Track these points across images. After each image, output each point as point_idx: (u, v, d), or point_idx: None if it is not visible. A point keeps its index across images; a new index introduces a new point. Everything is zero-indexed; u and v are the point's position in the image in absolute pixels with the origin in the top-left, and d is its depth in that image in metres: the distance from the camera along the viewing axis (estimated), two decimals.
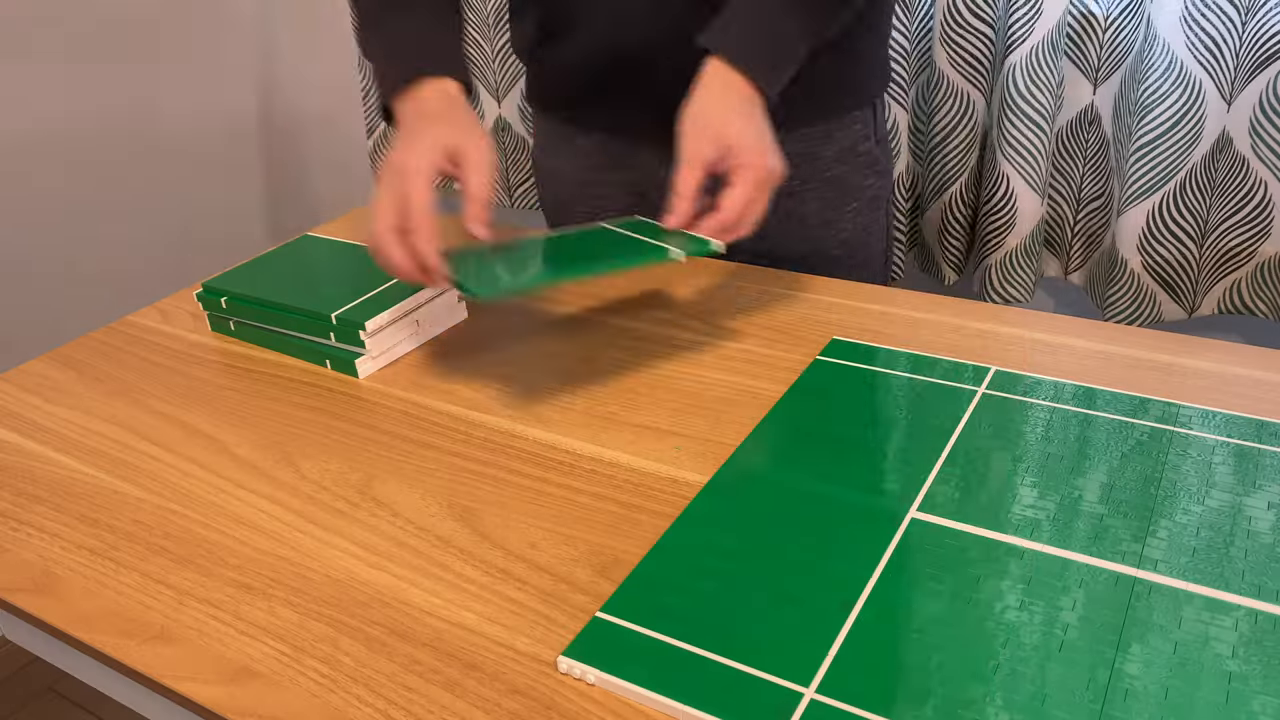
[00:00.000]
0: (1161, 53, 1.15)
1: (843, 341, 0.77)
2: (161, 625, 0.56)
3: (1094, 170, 1.31)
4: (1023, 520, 0.58)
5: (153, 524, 0.64)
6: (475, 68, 1.66)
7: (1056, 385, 0.70)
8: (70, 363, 0.84)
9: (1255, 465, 0.60)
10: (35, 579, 0.60)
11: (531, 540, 0.60)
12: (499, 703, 0.49)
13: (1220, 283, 1.26)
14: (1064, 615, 0.51)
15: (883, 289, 0.85)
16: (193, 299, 0.94)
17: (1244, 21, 1.12)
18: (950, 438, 0.65)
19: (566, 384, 0.75)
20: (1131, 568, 0.54)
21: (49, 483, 0.69)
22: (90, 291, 1.73)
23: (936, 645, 0.50)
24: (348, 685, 0.51)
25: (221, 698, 0.51)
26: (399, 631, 0.54)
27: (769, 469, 0.63)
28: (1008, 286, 1.37)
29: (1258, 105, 1.15)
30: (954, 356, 0.74)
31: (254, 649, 0.54)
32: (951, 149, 1.36)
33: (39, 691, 1.57)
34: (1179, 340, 0.74)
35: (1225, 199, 1.21)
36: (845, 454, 0.64)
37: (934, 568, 0.55)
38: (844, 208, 0.95)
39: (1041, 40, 1.22)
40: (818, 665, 0.49)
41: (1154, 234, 1.25)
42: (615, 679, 0.49)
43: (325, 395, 0.77)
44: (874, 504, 0.60)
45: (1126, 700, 0.46)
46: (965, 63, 1.31)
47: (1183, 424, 0.65)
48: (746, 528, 0.58)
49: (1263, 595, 0.51)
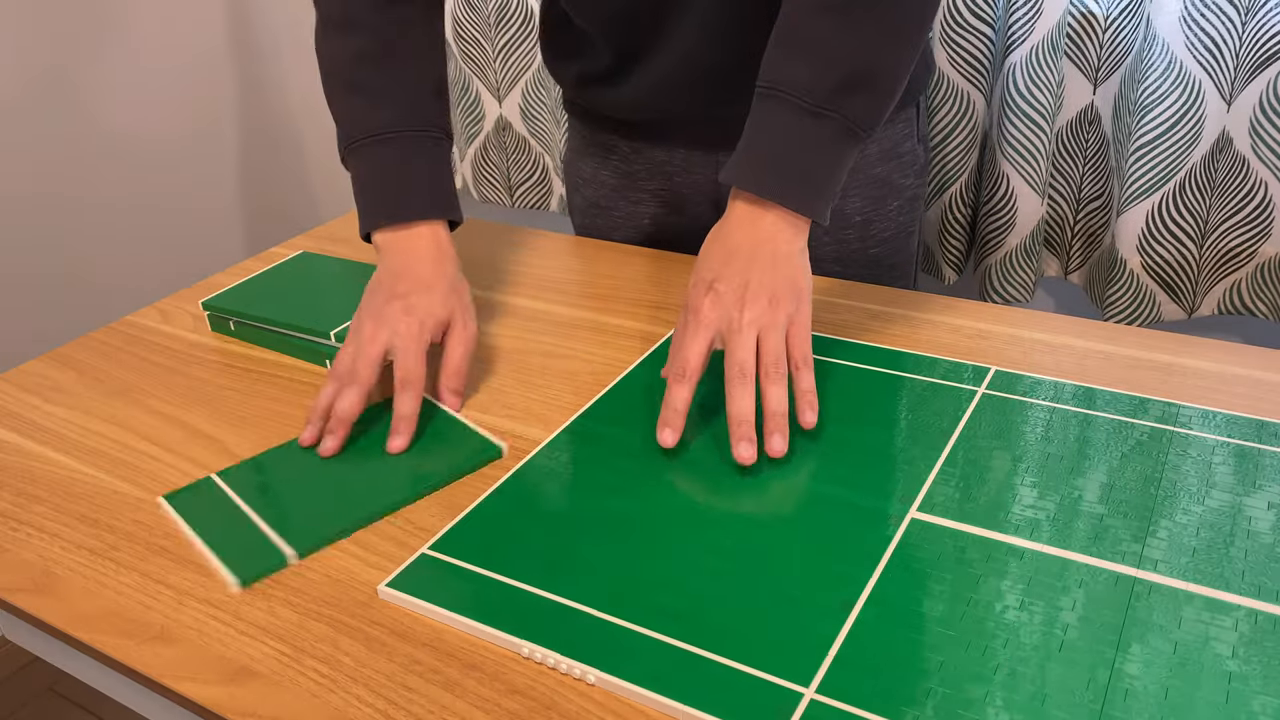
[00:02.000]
0: (1161, 53, 1.15)
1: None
2: (161, 625, 0.56)
3: (1094, 170, 1.31)
4: (1023, 520, 0.58)
5: (153, 524, 0.64)
6: (475, 67, 1.66)
7: (1056, 385, 0.70)
8: (70, 363, 0.84)
9: (1255, 465, 0.60)
10: (35, 579, 0.60)
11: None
12: (499, 703, 0.49)
13: (1220, 283, 1.26)
14: (1064, 615, 0.51)
15: (883, 289, 0.85)
16: (193, 299, 0.94)
17: (1244, 21, 1.12)
18: (950, 438, 0.65)
19: (565, 391, 0.76)
20: (1131, 568, 0.54)
21: (49, 483, 0.69)
22: (90, 291, 1.73)
23: (936, 645, 0.50)
24: (348, 685, 0.51)
25: (221, 698, 0.51)
26: (399, 631, 0.54)
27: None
28: (1008, 286, 1.37)
29: (1258, 105, 1.15)
30: (954, 356, 0.74)
31: (254, 649, 0.54)
32: (951, 149, 1.36)
33: (39, 691, 1.57)
34: (1179, 340, 0.74)
35: (1225, 199, 1.21)
36: (845, 454, 0.64)
37: (934, 568, 0.55)
38: (885, 207, 0.93)
39: (1041, 40, 1.22)
40: (818, 665, 0.49)
41: (1154, 234, 1.25)
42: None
43: None
44: (874, 504, 0.60)
45: (1126, 700, 0.46)
46: (965, 63, 1.31)
47: (1182, 424, 0.65)
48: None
49: (1263, 595, 0.51)
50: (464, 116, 1.72)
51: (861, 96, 0.68)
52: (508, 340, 0.82)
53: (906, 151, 0.93)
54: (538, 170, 1.72)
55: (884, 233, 0.94)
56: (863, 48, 0.68)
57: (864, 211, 0.92)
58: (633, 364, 0.76)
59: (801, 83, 0.68)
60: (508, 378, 0.77)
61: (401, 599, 0.56)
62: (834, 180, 0.70)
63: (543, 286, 0.91)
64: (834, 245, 0.93)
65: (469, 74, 1.67)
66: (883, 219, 0.93)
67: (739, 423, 0.63)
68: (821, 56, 0.68)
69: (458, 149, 1.79)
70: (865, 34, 0.67)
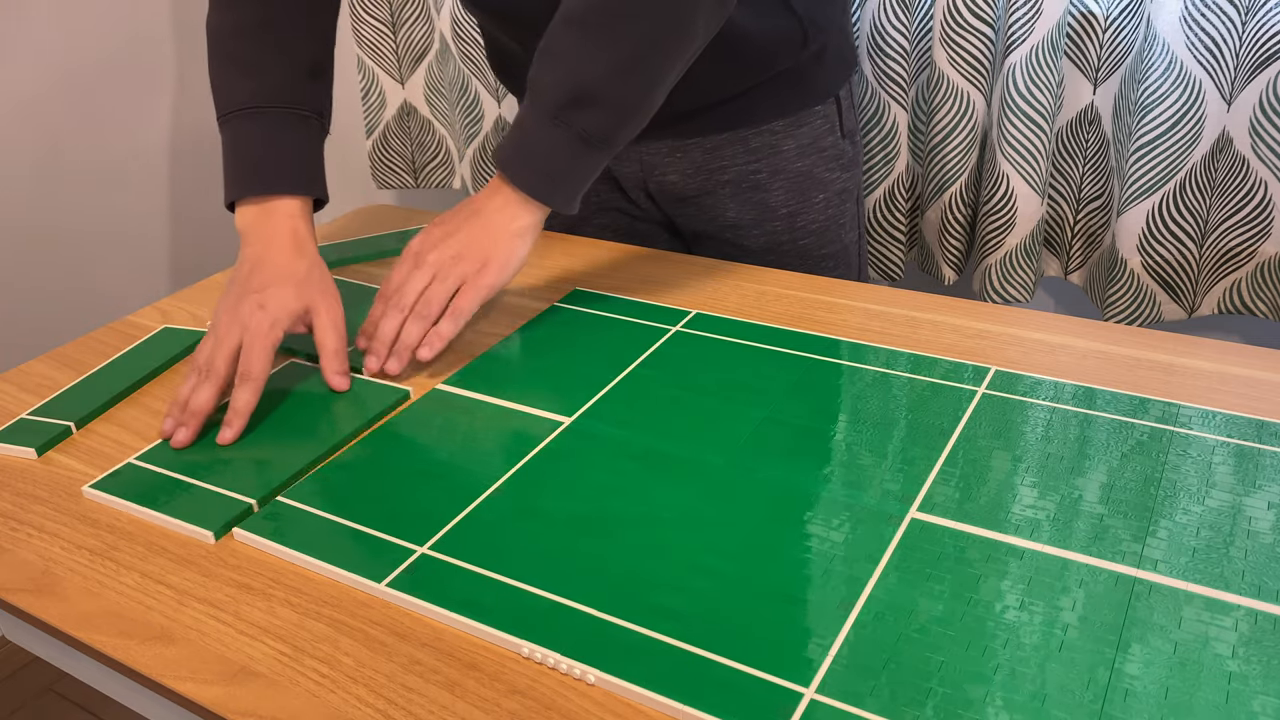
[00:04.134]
0: (1161, 53, 1.15)
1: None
2: (161, 625, 0.56)
3: (1094, 170, 1.31)
4: (1023, 520, 0.58)
5: (153, 524, 0.64)
6: (475, 67, 1.66)
7: (1056, 385, 0.70)
8: (70, 363, 0.84)
9: (1255, 465, 0.60)
10: (35, 579, 0.60)
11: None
12: (499, 703, 0.49)
13: (1220, 283, 1.26)
14: (1064, 615, 0.51)
15: (883, 289, 0.85)
16: (193, 299, 0.94)
17: (1244, 21, 1.12)
18: (950, 438, 0.65)
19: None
20: (1131, 568, 0.54)
21: (49, 483, 0.69)
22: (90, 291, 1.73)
23: (936, 645, 0.50)
24: (348, 685, 0.51)
25: (221, 698, 0.51)
26: (399, 631, 0.54)
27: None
28: (1008, 286, 1.37)
29: (1258, 105, 1.15)
30: (954, 356, 0.74)
31: (254, 649, 0.54)
32: (951, 149, 1.36)
33: (39, 691, 1.57)
34: (1179, 340, 0.74)
35: (1225, 199, 1.21)
36: (845, 454, 0.64)
37: (934, 568, 0.55)
38: (810, 200, 0.96)
39: (1041, 40, 1.22)
40: (818, 665, 0.49)
41: (1154, 234, 1.25)
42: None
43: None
44: (874, 504, 0.60)
45: (1126, 700, 0.46)
46: (965, 63, 1.30)
47: (1182, 424, 0.65)
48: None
49: (1263, 595, 0.51)
50: (463, 117, 1.72)
51: (592, 112, 0.74)
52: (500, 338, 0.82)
53: (828, 146, 0.96)
54: None
55: (811, 224, 0.97)
56: (597, 69, 0.73)
57: (789, 204, 0.96)
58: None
59: (544, 90, 0.74)
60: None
61: (401, 599, 0.56)
62: (569, 177, 0.77)
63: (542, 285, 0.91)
64: (763, 237, 0.96)
65: (468, 74, 1.67)
66: (809, 211, 0.96)
67: (375, 339, 0.76)
68: (562, 70, 0.74)
69: (457, 149, 1.79)
70: (601, 57, 0.73)
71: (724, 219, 0.96)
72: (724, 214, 0.95)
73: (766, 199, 0.95)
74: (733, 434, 0.67)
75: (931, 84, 1.35)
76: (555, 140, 0.75)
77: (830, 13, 0.92)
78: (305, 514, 0.63)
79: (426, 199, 1.99)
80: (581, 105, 0.73)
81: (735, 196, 0.94)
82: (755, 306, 0.84)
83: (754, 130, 0.92)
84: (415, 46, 1.74)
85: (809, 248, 0.97)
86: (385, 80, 1.77)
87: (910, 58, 1.35)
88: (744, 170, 0.93)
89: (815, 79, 0.93)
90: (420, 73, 1.77)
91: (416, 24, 1.72)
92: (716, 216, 0.96)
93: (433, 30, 1.71)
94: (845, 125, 0.97)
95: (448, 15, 1.64)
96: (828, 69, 0.94)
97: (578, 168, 0.76)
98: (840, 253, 1.00)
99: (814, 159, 0.95)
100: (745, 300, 0.85)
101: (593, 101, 0.73)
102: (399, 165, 1.84)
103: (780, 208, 0.95)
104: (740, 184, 0.94)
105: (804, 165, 0.95)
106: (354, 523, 0.61)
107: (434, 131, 1.81)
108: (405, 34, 1.74)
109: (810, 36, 0.89)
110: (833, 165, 0.96)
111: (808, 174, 0.95)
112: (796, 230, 0.96)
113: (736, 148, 0.92)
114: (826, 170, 0.96)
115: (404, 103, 1.79)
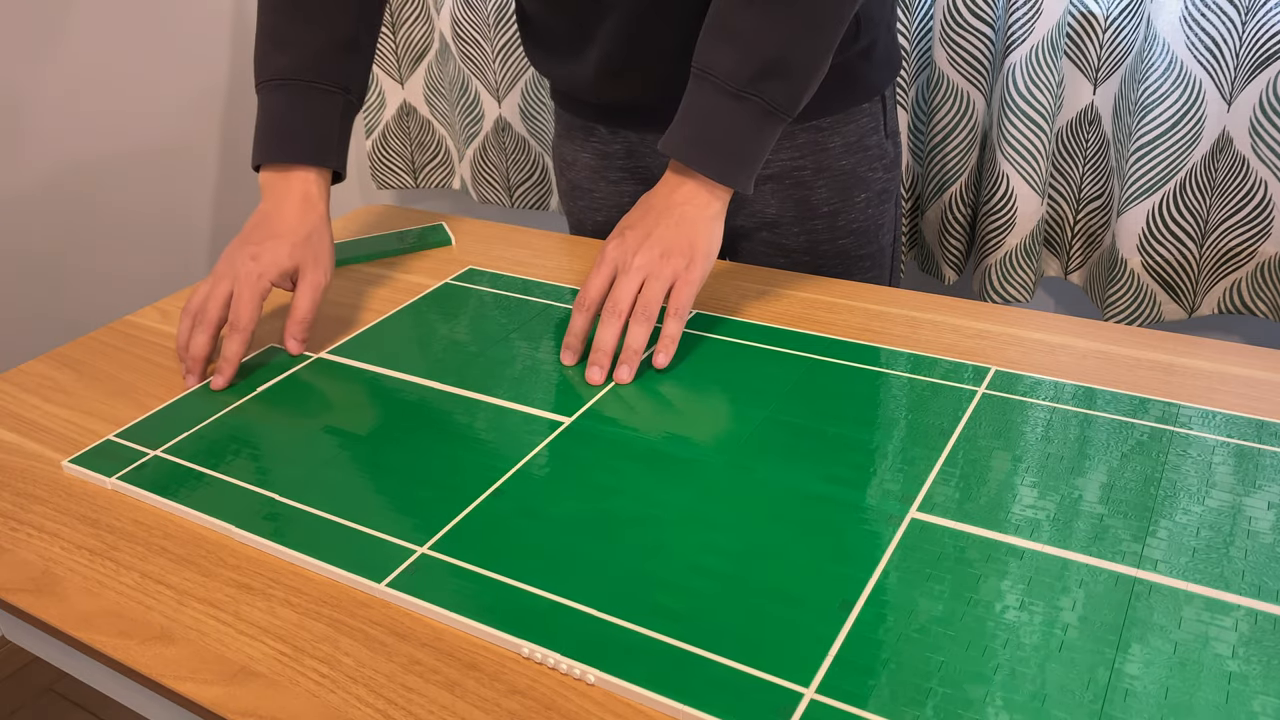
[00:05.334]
0: (1161, 53, 1.15)
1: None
2: (161, 625, 0.56)
3: (1094, 170, 1.31)
4: (1023, 520, 0.58)
5: (153, 524, 0.64)
6: (475, 67, 1.66)
7: (1056, 385, 0.70)
8: (70, 363, 0.84)
9: (1255, 465, 0.60)
10: (35, 579, 0.60)
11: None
12: (499, 703, 0.49)
13: (1220, 283, 1.26)
14: (1064, 615, 0.51)
15: (883, 289, 0.85)
16: None
17: (1244, 21, 1.12)
18: (950, 438, 0.65)
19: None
20: (1131, 568, 0.54)
21: (49, 483, 0.69)
22: (90, 291, 1.73)
23: (936, 645, 0.50)
24: (347, 685, 0.51)
25: (221, 698, 0.51)
26: (399, 631, 0.54)
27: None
28: (1008, 286, 1.37)
29: (1258, 105, 1.15)
30: (954, 356, 0.74)
31: (254, 649, 0.54)
32: (951, 149, 1.36)
33: (39, 691, 1.57)
34: (1179, 340, 0.74)
35: (1225, 199, 1.21)
36: (845, 454, 0.64)
37: (934, 568, 0.55)
38: (853, 199, 0.95)
39: (1041, 40, 1.22)
40: (818, 665, 0.49)
41: (1154, 234, 1.25)
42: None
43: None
44: (874, 504, 0.60)
45: (1126, 700, 0.46)
46: (965, 63, 1.31)
47: (1183, 424, 0.65)
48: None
49: (1263, 595, 0.51)
50: (463, 117, 1.72)
51: (778, 82, 0.76)
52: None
53: (873, 145, 0.95)
54: (537, 170, 1.72)
55: (853, 224, 0.96)
56: (780, 39, 0.75)
57: (831, 203, 0.95)
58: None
59: (726, 68, 0.75)
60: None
61: (401, 599, 0.56)
62: (754, 155, 0.78)
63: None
64: (804, 236, 0.96)
65: (468, 74, 1.67)
66: (851, 210, 0.96)
67: (596, 350, 0.74)
68: (743, 45, 0.75)
69: (456, 149, 1.79)
70: (783, 27, 0.75)
71: (765, 215, 0.95)
72: (765, 210, 0.95)
73: (809, 196, 0.94)
74: (733, 434, 0.67)
75: (931, 84, 1.35)
76: (738, 116, 0.76)
77: (881, 10, 0.92)
78: (305, 514, 0.63)
79: (426, 199, 1.99)
80: (769, 76, 0.75)
81: (778, 193, 0.94)
82: (756, 306, 0.84)
83: (801, 126, 0.92)
84: (415, 46, 1.74)
85: (848, 248, 0.97)
86: (385, 80, 1.77)
87: (910, 58, 1.35)
88: (788, 165, 0.93)
89: (864, 76, 0.93)
90: (420, 73, 1.77)
91: (416, 24, 1.72)
92: (757, 212, 0.95)
93: (432, 30, 1.71)
94: (889, 125, 0.97)
95: (448, 15, 1.64)
96: (876, 67, 0.94)
97: (762, 141, 0.78)
98: (877, 254, 0.99)
99: (859, 157, 0.94)
100: (746, 300, 0.85)
101: (779, 70, 0.75)
102: (398, 165, 1.84)
103: (822, 205, 0.95)
104: (784, 179, 0.93)
105: (848, 163, 0.94)
106: (354, 523, 0.61)
107: (434, 131, 1.81)
108: (405, 34, 1.74)
109: (862, 30, 0.89)
110: (876, 165, 0.96)
111: (851, 172, 0.95)
112: (837, 229, 0.96)
113: (782, 142, 0.92)
114: (869, 170, 0.95)
115: (404, 103, 1.79)
